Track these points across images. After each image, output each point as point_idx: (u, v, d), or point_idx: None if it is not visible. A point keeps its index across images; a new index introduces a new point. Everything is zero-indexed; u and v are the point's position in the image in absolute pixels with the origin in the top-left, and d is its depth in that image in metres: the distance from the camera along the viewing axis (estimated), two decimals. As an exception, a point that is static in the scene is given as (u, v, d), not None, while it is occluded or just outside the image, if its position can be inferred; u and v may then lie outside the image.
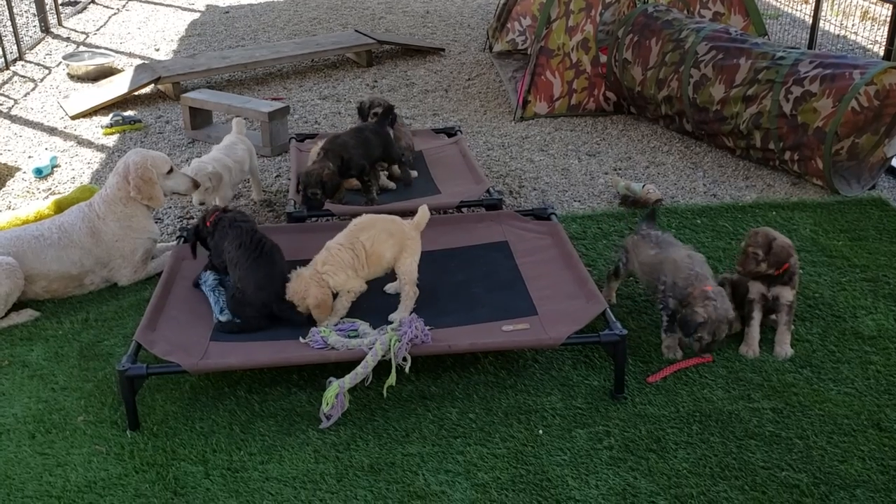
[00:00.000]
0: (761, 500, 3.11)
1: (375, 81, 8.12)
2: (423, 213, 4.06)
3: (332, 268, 3.86)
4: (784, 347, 3.93)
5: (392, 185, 5.41)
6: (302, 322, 3.84)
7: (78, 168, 6.25)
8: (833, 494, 3.13)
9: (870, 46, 8.43)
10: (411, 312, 3.84)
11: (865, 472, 3.23)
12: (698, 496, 3.14)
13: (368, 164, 5.12)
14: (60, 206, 5.15)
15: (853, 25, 8.57)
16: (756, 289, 3.98)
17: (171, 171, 4.70)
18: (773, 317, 4.03)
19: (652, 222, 4.32)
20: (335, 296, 3.89)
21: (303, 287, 3.81)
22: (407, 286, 3.94)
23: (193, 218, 5.42)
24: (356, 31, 9.06)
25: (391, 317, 3.90)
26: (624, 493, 3.16)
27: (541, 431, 3.48)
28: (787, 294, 3.93)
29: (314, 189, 4.86)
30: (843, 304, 4.32)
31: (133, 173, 4.53)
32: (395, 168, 5.45)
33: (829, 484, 3.18)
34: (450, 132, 6.24)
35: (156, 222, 5.32)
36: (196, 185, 4.82)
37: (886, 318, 4.19)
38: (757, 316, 3.98)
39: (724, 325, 3.71)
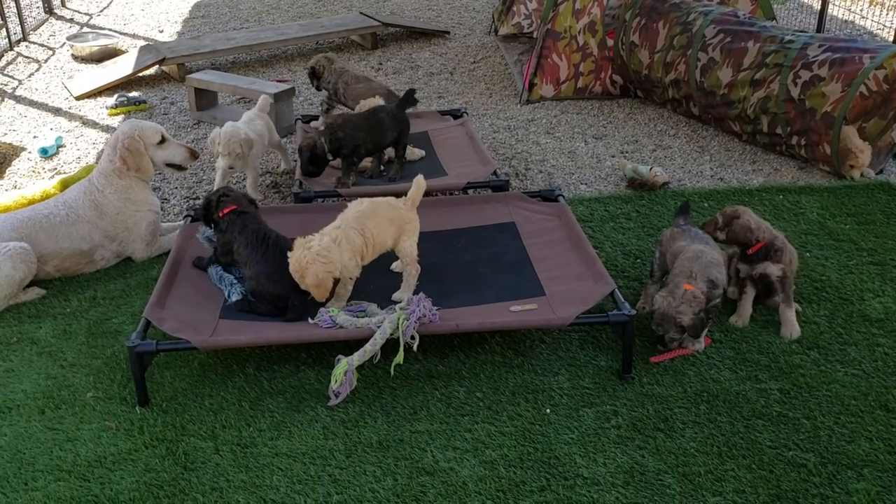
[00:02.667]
0: (768, 479, 3.13)
1: (380, 64, 8.10)
2: (419, 185, 3.99)
3: (343, 250, 3.73)
4: (789, 327, 3.94)
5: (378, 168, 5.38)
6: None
7: (83, 148, 6.25)
8: (840, 474, 3.14)
9: (878, 31, 8.40)
10: (416, 292, 3.83)
11: (873, 453, 3.24)
12: (705, 475, 3.15)
13: (368, 149, 5.10)
14: (66, 186, 5.16)
15: (861, 10, 8.53)
16: (742, 268, 4.06)
17: (162, 140, 4.65)
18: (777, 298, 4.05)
19: (687, 215, 4.25)
20: (337, 281, 3.79)
21: (304, 262, 3.66)
22: (409, 266, 3.93)
23: (199, 198, 5.42)
24: (361, 13, 9.04)
25: (395, 296, 3.90)
26: (632, 471, 3.18)
27: (548, 410, 3.49)
28: (772, 269, 3.97)
29: (297, 157, 5.06)
30: (850, 286, 4.32)
31: (120, 144, 4.51)
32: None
33: (836, 464, 3.19)
34: (456, 114, 6.22)
35: (162, 202, 5.34)
36: (194, 155, 4.77)
37: (894, 300, 4.19)
38: (749, 291, 4.07)
39: (669, 325, 3.69)
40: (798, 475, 3.14)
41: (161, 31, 9.39)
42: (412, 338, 3.54)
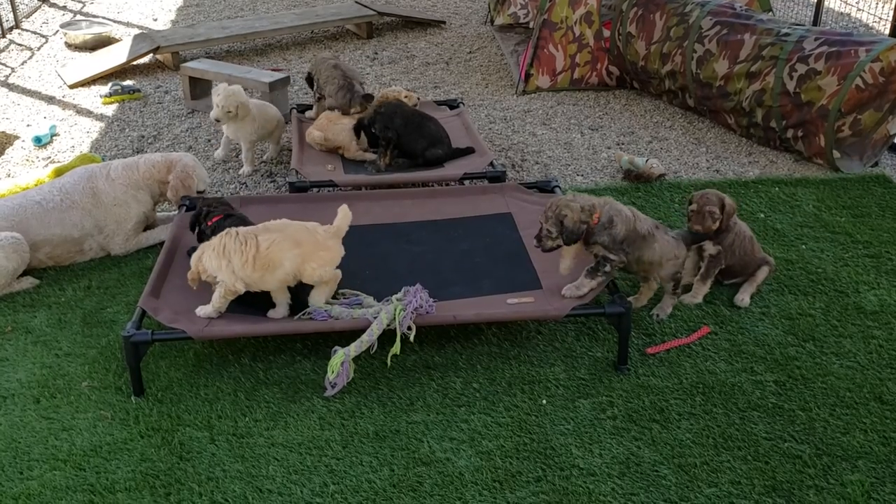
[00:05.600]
0: (764, 470, 3.14)
1: (376, 53, 8.07)
2: (344, 215, 3.72)
3: (210, 251, 3.60)
4: (695, 298, 4.11)
5: (372, 155, 5.39)
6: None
7: (77, 137, 6.21)
8: (835, 466, 3.15)
9: (874, 24, 8.40)
10: (412, 283, 3.77)
11: (867, 444, 3.25)
12: (701, 465, 3.16)
13: (393, 142, 5.23)
14: (60, 175, 5.12)
15: (857, 2, 8.53)
16: (709, 247, 4.13)
17: (201, 192, 4.76)
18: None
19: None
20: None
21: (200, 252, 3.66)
22: (318, 288, 3.70)
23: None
24: (356, 2, 8.99)
25: (310, 298, 3.71)
26: (627, 461, 3.18)
27: (544, 401, 3.49)
28: (709, 246, 4.08)
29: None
30: (845, 279, 4.33)
31: (180, 171, 4.60)
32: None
33: (831, 455, 3.20)
34: (452, 104, 6.20)
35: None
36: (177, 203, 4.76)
37: (889, 293, 4.21)
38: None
39: (551, 215, 3.66)
40: (793, 466, 3.15)
41: (155, 20, 9.34)
42: (409, 329, 3.53)
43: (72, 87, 7.19)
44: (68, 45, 8.31)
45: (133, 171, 4.60)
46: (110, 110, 6.70)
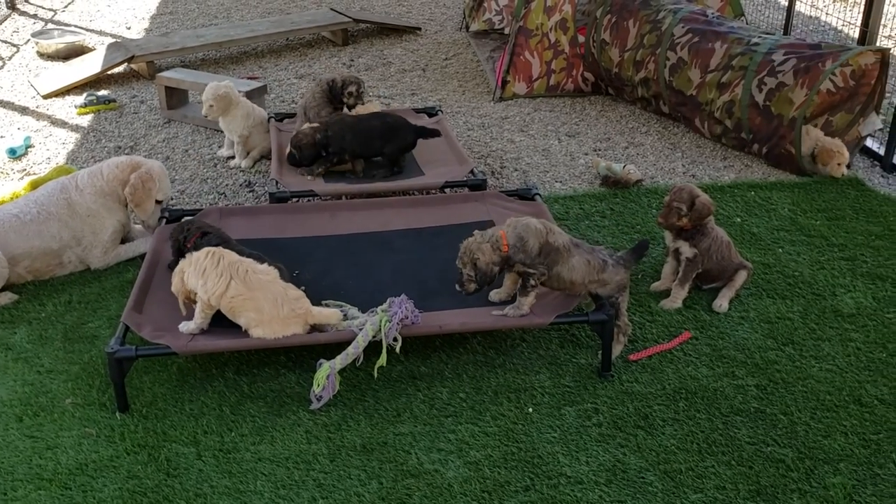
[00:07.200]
0: (748, 474, 3.18)
1: (352, 60, 8.06)
2: (332, 314, 3.65)
3: (190, 268, 3.60)
4: (672, 302, 4.15)
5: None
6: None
7: (53, 148, 6.15)
8: (817, 469, 3.21)
9: (842, 28, 8.53)
10: (398, 294, 3.78)
11: (848, 447, 3.31)
12: (686, 472, 3.20)
13: (355, 153, 5.22)
14: (36, 187, 5.07)
15: (825, 5, 8.66)
16: (684, 248, 4.18)
17: (160, 202, 4.64)
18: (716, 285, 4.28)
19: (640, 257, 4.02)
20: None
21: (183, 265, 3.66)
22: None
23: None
24: (331, 9, 8.99)
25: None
26: (614, 468, 3.22)
27: (531, 410, 3.51)
28: (685, 249, 4.13)
29: (292, 148, 5.24)
30: (822, 282, 4.40)
31: (143, 172, 4.52)
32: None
33: (813, 458, 3.25)
34: (430, 112, 6.22)
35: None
36: (152, 230, 4.66)
37: (865, 296, 4.28)
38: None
39: (466, 260, 3.63)
40: (777, 470, 3.20)
41: (128, 28, 9.26)
42: (395, 340, 3.54)
43: (45, 97, 7.12)
44: (40, 55, 8.23)
45: (97, 177, 4.53)
46: (85, 121, 6.64)
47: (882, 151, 5.87)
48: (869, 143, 5.98)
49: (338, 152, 5.18)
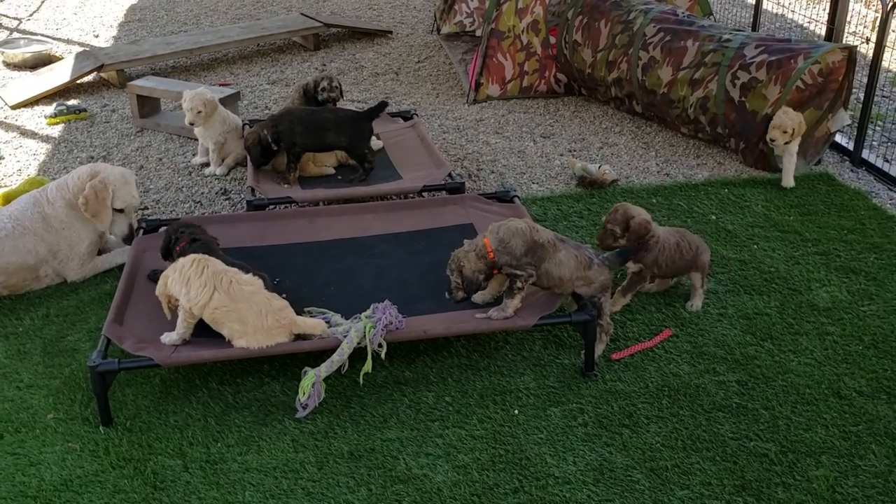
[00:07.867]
0: (733, 470, 3.23)
1: (324, 65, 8.05)
2: (317, 325, 3.64)
3: (174, 275, 3.58)
4: (613, 306, 4.10)
5: (330, 170, 5.43)
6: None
7: (23, 160, 6.08)
8: (800, 462, 3.26)
9: (807, 25, 8.66)
10: (381, 300, 3.79)
11: (829, 439, 3.36)
12: (672, 469, 3.24)
13: (307, 145, 5.23)
14: (9, 200, 5.02)
15: (790, 3, 8.78)
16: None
17: (122, 211, 4.53)
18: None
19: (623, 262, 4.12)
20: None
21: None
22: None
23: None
24: (302, 14, 8.96)
25: None
26: (601, 468, 3.24)
27: (517, 411, 3.53)
28: (630, 264, 4.11)
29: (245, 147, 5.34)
30: (797, 277, 4.46)
31: (97, 182, 4.42)
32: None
33: (795, 452, 3.31)
34: (406, 116, 6.22)
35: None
36: (130, 238, 4.58)
37: (839, 289, 4.35)
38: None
39: (454, 268, 3.70)
40: (760, 465, 3.24)
41: (96, 36, 9.17)
42: (380, 346, 3.55)
43: (14, 107, 7.03)
44: (7, 64, 8.12)
45: (64, 189, 4.47)
46: (56, 131, 6.57)
47: (851, 146, 5.97)
48: (838, 138, 6.07)
49: (289, 147, 5.18)
